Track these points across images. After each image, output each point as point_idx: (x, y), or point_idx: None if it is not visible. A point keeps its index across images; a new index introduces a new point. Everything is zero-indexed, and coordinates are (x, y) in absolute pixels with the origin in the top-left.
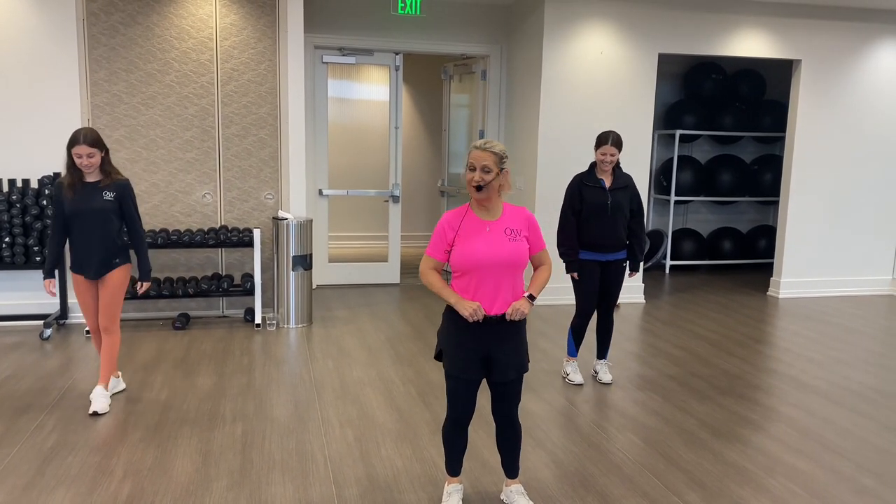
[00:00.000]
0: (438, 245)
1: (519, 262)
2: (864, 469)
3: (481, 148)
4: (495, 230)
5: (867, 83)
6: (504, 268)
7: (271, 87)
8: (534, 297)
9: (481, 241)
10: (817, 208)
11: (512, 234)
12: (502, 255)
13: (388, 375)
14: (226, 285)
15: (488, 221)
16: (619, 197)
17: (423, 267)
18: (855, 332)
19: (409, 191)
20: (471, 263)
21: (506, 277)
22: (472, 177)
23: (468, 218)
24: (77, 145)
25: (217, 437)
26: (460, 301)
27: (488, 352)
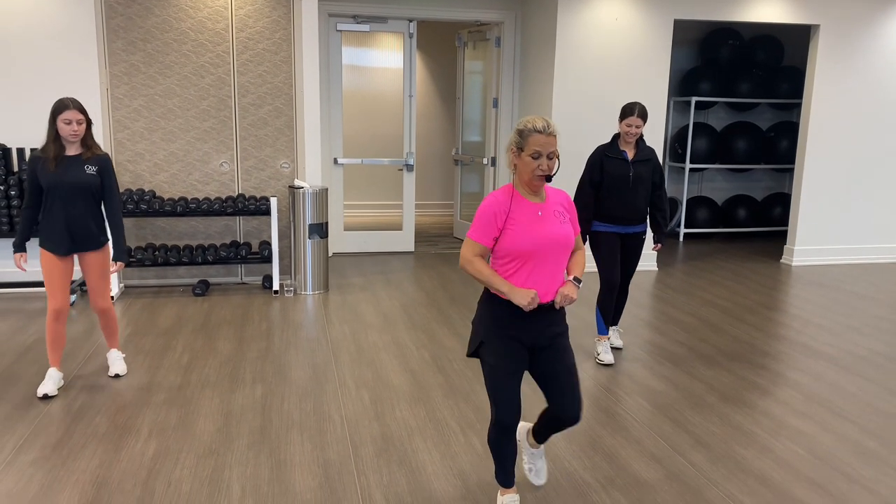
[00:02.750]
0: (486, 230)
1: (569, 245)
2: (868, 432)
3: (546, 132)
4: (546, 213)
5: (886, 48)
6: (556, 252)
7: (286, 56)
8: (579, 280)
9: (536, 226)
10: (832, 176)
11: (561, 216)
12: (556, 240)
13: (403, 340)
14: (244, 253)
15: (538, 204)
16: (641, 169)
17: (466, 254)
18: (866, 300)
19: (423, 159)
20: (526, 249)
21: (559, 262)
22: (539, 165)
23: (517, 201)
24: (67, 110)
25: (237, 398)
26: (514, 290)
27: (535, 341)
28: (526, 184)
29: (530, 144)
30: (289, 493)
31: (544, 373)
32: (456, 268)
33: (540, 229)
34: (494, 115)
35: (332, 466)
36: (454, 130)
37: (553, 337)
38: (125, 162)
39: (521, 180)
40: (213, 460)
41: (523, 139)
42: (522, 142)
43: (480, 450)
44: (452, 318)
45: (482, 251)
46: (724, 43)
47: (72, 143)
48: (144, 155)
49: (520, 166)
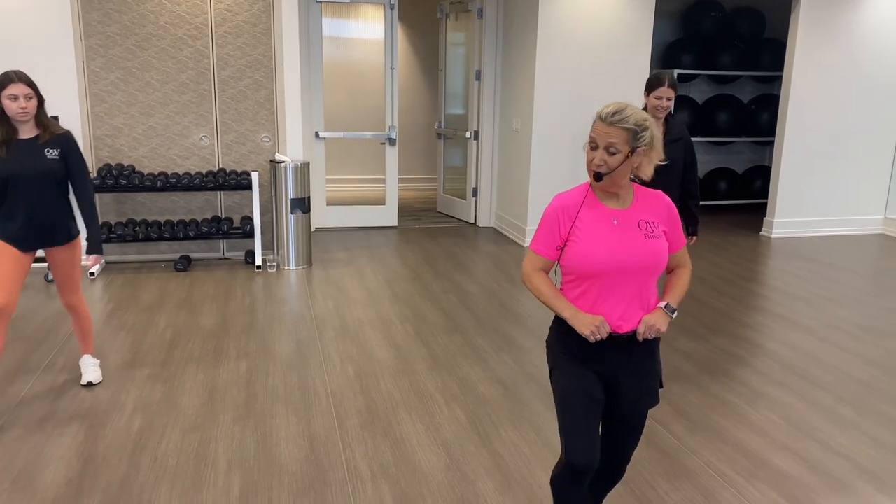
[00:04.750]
0: (548, 239)
1: (656, 265)
2: (843, 400)
3: (608, 120)
4: (626, 223)
5: (866, 21)
6: (636, 274)
7: (265, 28)
8: (673, 308)
9: (607, 239)
10: (812, 149)
11: (648, 227)
12: (636, 258)
13: (387, 315)
14: (226, 228)
15: (616, 210)
16: (674, 151)
17: (527, 268)
18: (844, 271)
19: (406, 133)
20: (592, 267)
21: (637, 286)
22: (592, 158)
23: (589, 204)
24: (11, 84)
25: (222, 373)
26: (577, 315)
27: (614, 376)
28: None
29: (591, 132)
30: (275, 465)
31: (611, 413)
32: (440, 242)
33: (612, 244)
34: (477, 87)
35: (317, 439)
36: (437, 104)
37: (633, 374)
38: (104, 136)
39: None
40: (199, 435)
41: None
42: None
43: (464, 420)
44: (436, 292)
45: (545, 265)
46: (706, 15)
47: (23, 122)
48: (123, 129)
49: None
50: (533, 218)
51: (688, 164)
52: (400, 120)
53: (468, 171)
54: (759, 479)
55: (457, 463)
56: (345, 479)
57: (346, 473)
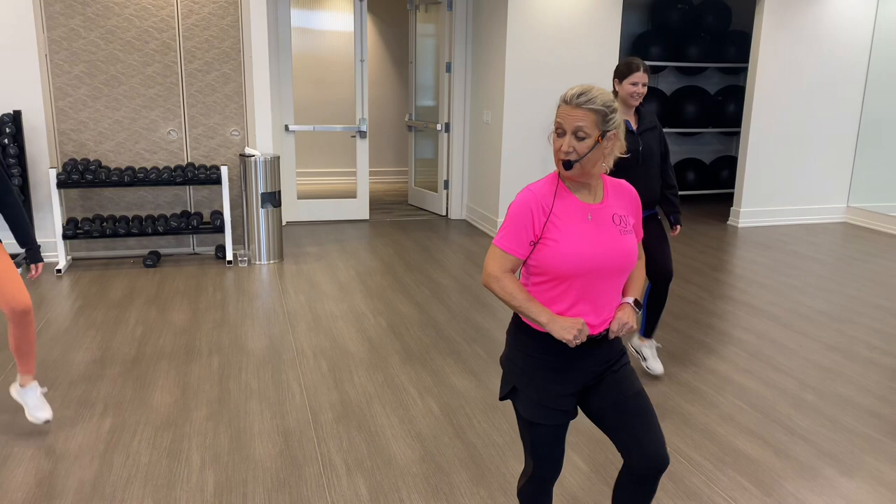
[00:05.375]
0: (520, 235)
1: (631, 263)
2: (806, 386)
3: (574, 102)
4: (600, 218)
5: (829, 14)
6: (613, 273)
7: (233, 21)
8: (640, 303)
9: (585, 237)
10: (777, 138)
11: (621, 223)
12: (613, 257)
13: (359, 308)
14: (195, 223)
15: (589, 205)
16: (650, 141)
17: (493, 269)
18: (808, 259)
19: (376, 125)
20: (571, 268)
21: (611, 285)
22: (560, 145)
23: (562, 197)
24: None
25: (194, 369)
26: (555, 320)
27: (588, 379)
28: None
29: (557, 117)
30: (249, 461)
31: (606, 407)
32: (412, 235)
33: (591, 242)
34: (448, 79)
35: (291, 434)
36: (407, 96)
37: (610, 365)
38: (69, 131)
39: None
40: (172, 432)
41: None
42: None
43: (438, 412)
44: (408, 285)
45: (513, 264)
46: (673, 7)
47: None
48: (88, 123)
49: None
50: (505, 210)
51: (663, 153)
52: (370, 112)
53: (439, 164)
54: (727, 464)
55: (431, 455)
56: (320, 473)
57: (321, 467)
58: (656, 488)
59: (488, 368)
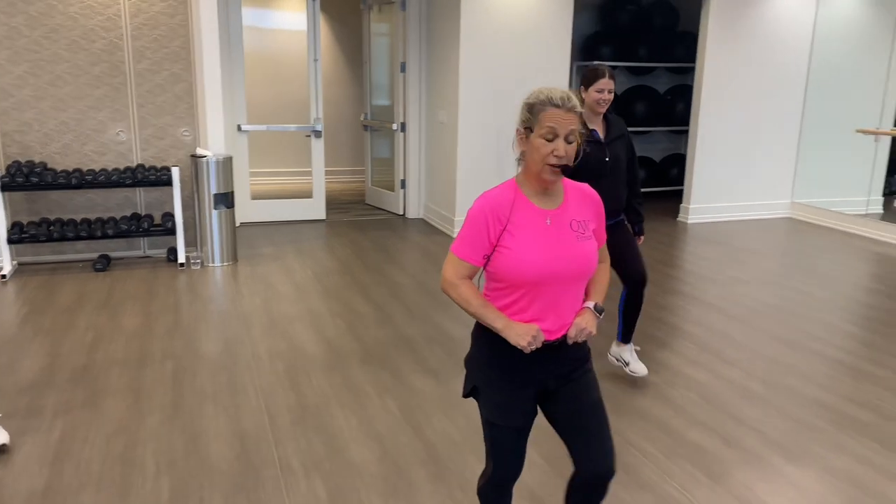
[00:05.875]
0: (476, 243)
1: (590, 270)
2: (753, 377)
3: (566, 106)
4: (558, 224)
5: (772, 15)
6: (570, 280)
7: (183, 20)
8: (601, 308)
9: (542, 244)
10: (724, 136)
11: (580, 228)
12: (571, 264)
13: (317, 309)
14: (146, 225)
15: (548, 211)
16: (618, 150)
17: (449, 275)
18: (755, 254)
19: (331, 125)
20: (526, 276)
21: (570, 291)
22: (554, 150)
23: (520, 204)
24: None
25: (147, 374)
26: (510, 326)
27: (546, 384)
28: (534, 177)
29: (543, 121)
30: (205, 465)
31: (562, 414)
32: (369, 234)
33: (547, 250)
34: (402, 79)
35: (248, 437)
36: (362, 95)
37: (570, 372)
38: (12, 133)
39: (529, 173)
40: (125, 438)
41: (534, 116)
42: (532, 119)
43: (396, 412)
44: (366, 285)
45: (470, 271)
46: (622, 8)
47: None
48: (33, 125)
49: (527, 155)
50: (462, 209)
51: (630, 160)
52: (325, 112)
53: (396, 163)
54: (679, 454)
55: (390, 454)
56: (277, 476)
57: (279, 470)
58: (605, 493)
59: (447, 367)
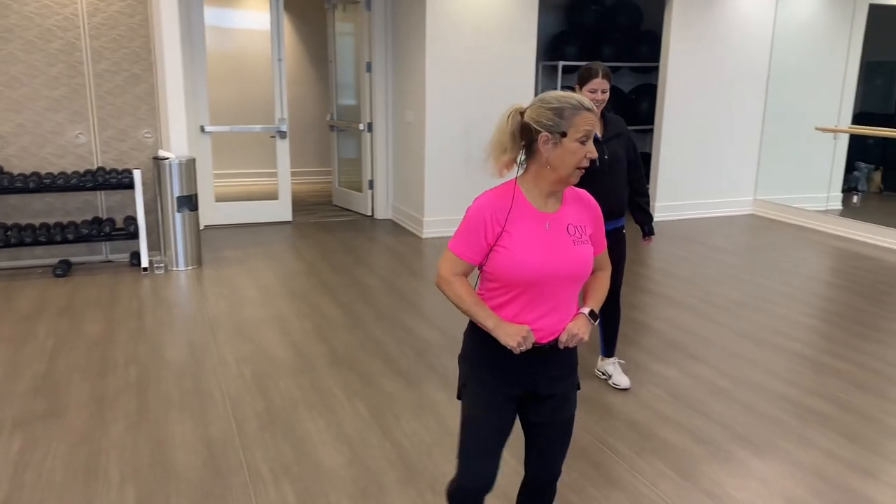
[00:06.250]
0: (473, 242)
1: (584, 274)
2: (720, 373)
3: (592, 109)
4: (556, 227)
5: (733, 15)
6: (564, 283)
7: (142, 19)
8: (597, 315)
9: (540, 246)
10: (688, 135)
11: (576, 233)
12: (566, 267)
13: (283, 312)
14: (108, 229)
15: (547, 214)
16: (616, 148)
17: (444, 272)
18: (720, 250)
19: (297, 125)
20: (523, 276)
21: (563, 295)
22: (587, 153)
23: (519, 207)
24: None
25: (110, 382)
26: (501, 326)
27: (533, 387)
28: (555, 181)
29: (578, 125)
30: (171, 473)
31: (534, 424)
32: (337, 236)
33: (545, 252)
34: (368, 79)
35: (215, 444)
36: (328, 95)
37: (556, 382)
38: None
39: (551, 177)
40: (88, 447)
41: (566, 120)
42: (564, 124)
43: (366, 415)
44: (334, 287)
45: (466, 269)
46: (587, 8)
47: None
48: None
49: (554, 159)
50: (431, 209)
51: (632, 160)
52: (290, 112)
53: (363, 164)
54: (647, 451)
55: (359, 457)
56: (246, 482)
57: (247, 476)
58: (554, 493)
59: (417, 369)
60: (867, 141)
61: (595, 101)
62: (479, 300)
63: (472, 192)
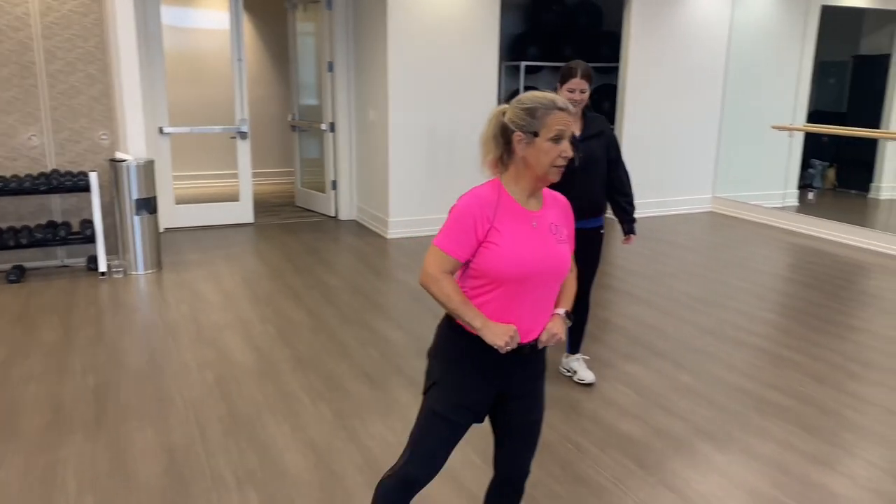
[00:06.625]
0: (462, 239)
1: (565, 273)
2: (682, 368)
3: (567, 108)
4: (541, 225)
5: (690, 15)
6: (548, 281)
7: (97, 18)
8: (570, 315)
9: (528, 242)
10: (648, 134)
11: (557, 232)
12: (550, 264)
13: (246, 316)
14: (63, 233)
15: (532, 213)
16: (593, 147)
17: (432, 269)
18: (680, 247)
19: (258, 126)
20: (511, 272)
21: (545, 293)
22: (562, 151)
23: (506, 205)
24: None
25: (67, 390)
26: (488, 326)
27: (508, 387)
28: (534, 179)
29: (550, 125)
30: (132, 482)
31: (505, 423)
32: (300, 237)
33: (533, 249)
34: (330, 78)
35: (177, 451)
36: (289, 95)
37: (528, 381)
38: None
39: (528, 175)
40: (45, 457)
41: (538, 120)
42: (536, 123)
43: (331, 418)
44: (298, 289)
45: (454, 266)
46: (548, 8)
47: None
48: None
49: (530, 158)
50: (395, 209)
51: (613, 159)
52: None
53: (326, 164)
54: (611, 446)
55: (325, 461)
56: (209, 488)
57: (211, 483)
58: (522, 492)
59: (383, 370)
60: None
61: (573, 101)
62: (467, 300)
63: (437, 191)
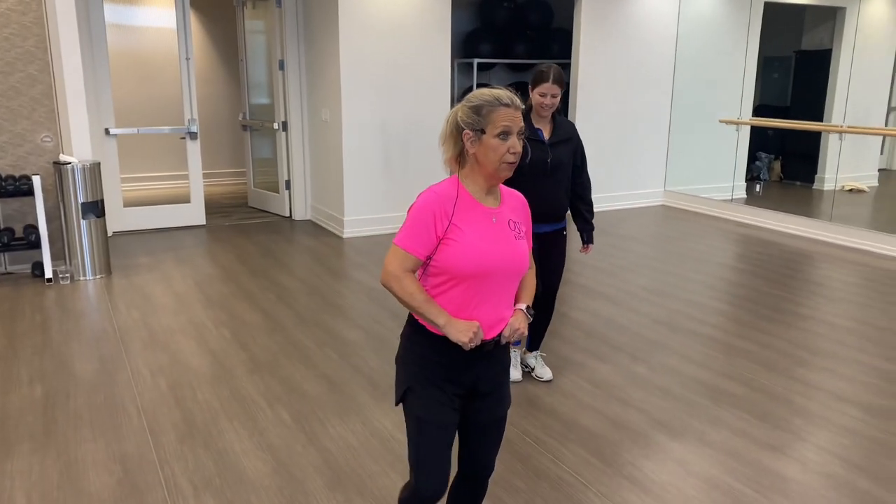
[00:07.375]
0: (422, 236)
1: (524, 269)
2: (637, 359)
3: (514, 105)
4: (500, 221)
5: (639, 13)
6: (508, 277)
7: (37, 17)
8: (532, 310)
9: (487, 238)
10: (601, 130)
11: (516, 228)
12: (509, 260)
13: (200, 320)
14: (6, 239)
15: (491, 209)
16: (561, 152)
17: (393, 268)
18: (633, 240)
19: (208, 126)
20: (471, 268)
21: (506, 288)
22: (510, 147)
23: (464, 201)
24: None
25: (13, 400)
26: (452, 323)
27: (474, 384)
28: (487, 176)
29: (496, 121)
30: (83, 494)
31: (471, 422)
32: (254, 239)
33: (492, 245)
34: (282, 77)
35: (130, 460)
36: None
37: (495, 378)
38: None
39: (480, 172)
40: None
41: (483, 117)
42: (482, 121)
43: (289, 421)
44: (253, 291)
45: (414, 264)
46: (499, 6)
47: None
48: None
49: (479, 156)
50: (351, 208)
51: (578, 165)
52: (201, 112)
53: (279, 164)
54: (571, 440)
55: (284, 465)
56: (164, 498)
57: (166, 492)
58: (486, 486)
59: (341, 371)
60: (767, 132)
61: (544, 105)
62: (429, 297)
63: (392, 189)
